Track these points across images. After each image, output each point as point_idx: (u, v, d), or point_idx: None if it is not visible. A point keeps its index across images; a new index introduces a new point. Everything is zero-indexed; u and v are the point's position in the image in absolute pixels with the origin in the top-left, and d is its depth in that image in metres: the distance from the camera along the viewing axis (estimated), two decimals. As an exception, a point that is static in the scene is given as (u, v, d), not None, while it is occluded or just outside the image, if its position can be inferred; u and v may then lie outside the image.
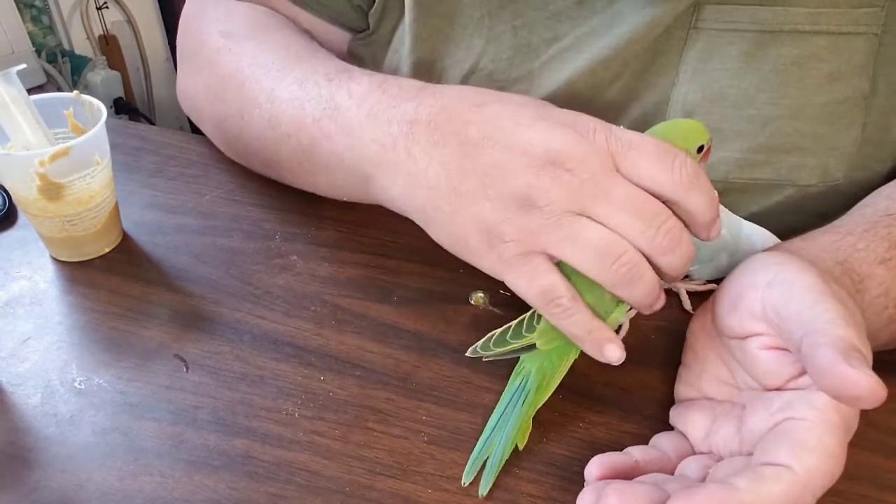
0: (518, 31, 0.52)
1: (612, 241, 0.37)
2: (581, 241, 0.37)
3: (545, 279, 0.38)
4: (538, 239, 0.38)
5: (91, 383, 0.43)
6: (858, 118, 0.49)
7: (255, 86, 0.52)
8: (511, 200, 0.38)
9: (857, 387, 0.30)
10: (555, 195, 0.37)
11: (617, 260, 0.37)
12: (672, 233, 0.37)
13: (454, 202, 0.40)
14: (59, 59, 1.68)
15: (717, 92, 0.50)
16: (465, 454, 0.40)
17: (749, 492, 0.30)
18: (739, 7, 0.48)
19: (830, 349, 0.31)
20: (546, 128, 0.39)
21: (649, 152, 0.37)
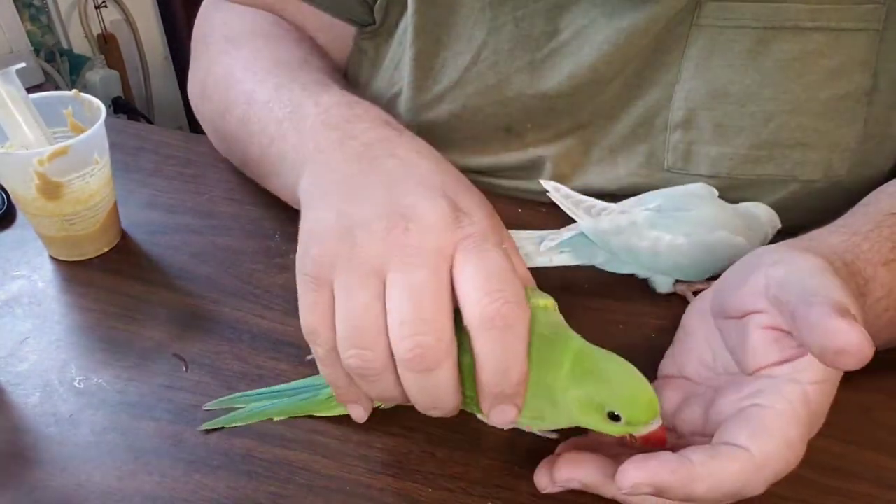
0: (519, 23, 0.52)
1: (371, 330, 0.34)
2: (352, 303, 0.34)
3: (314, 317, 0.36)
4: (331, 270, 0.35)
5: (90, 382, 0.43)
6: (860, 114, 0.49)
7: (238, 88, 0.53)
8: (344, 224, 0.36)
9: (846, 340, 0.30)
10: (374, 241, 0.35)
11: (358, 350, 0.34)
12: (424, 352, 0.33)
13: (318, 200, 0.39)
14: (58, 59, 1.67)
15: (720, 88, 0.50)
16: (466, 452, 0.40)
17: (703, 466, 0.30)
18: (741, 4, 0.48)
19: (825, 306, 0.31)
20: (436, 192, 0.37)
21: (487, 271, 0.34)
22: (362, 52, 0.61)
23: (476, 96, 0.55)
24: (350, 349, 0.34)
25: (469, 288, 0.33)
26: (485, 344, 0.33)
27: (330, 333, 0.35)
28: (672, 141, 0.52)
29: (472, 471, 0.39)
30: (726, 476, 0.31)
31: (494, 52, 0.53)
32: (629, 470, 0.31)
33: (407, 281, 0.34)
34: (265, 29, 0.59)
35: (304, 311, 0.36)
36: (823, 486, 0.38)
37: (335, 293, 0.35)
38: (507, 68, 0.53)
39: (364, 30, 0.61)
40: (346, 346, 0.34)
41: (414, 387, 0.34)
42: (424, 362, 0.33)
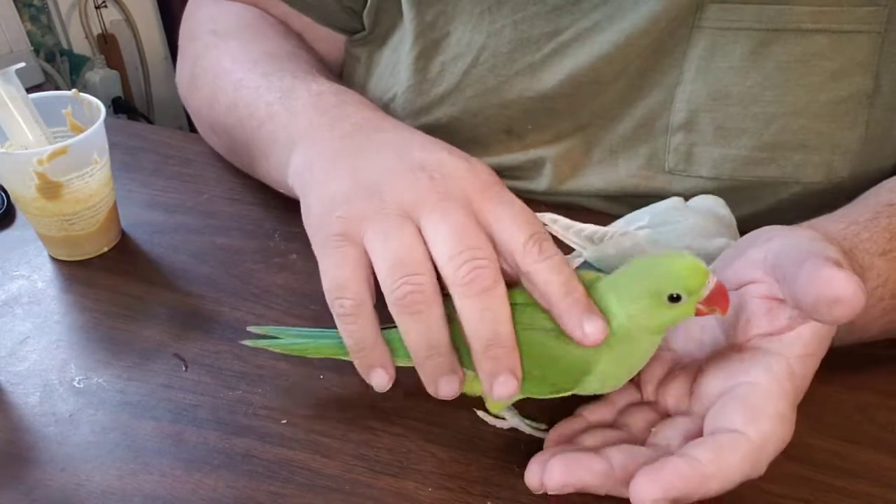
0: (518, 26, 0.52)
1: (414, 257, 0.35)
2: (390, 242, 0.35)
3: (344, 272, 0.36)
4: (360, 225, 0.36)
5: (90, 382, 0.43)
6: (862, 116, 0.49)
7: (226, 77, 0.54)
8: (364, 185, 0.38)
9: (840, 287, 0.30)
10: (401, 191, 0.37)
11: (406, 277, 0.35)
12: (483, 274, 0.34)
13: (323, 173, 0.41)
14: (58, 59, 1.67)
15: (722, 90, 0.50)
16: (466, 452, 0.40)
17: (711, 464, 0.31)
18: (742, 6, 0.48)
19: (817, 258, 0.32)
20: (446, 151, 0.39)
21: (515, 214, 0.36)
22: (355, 59, 0.61)
23: (476, 99, 0.55)
24: (398, 279, 0.34)
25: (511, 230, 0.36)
26: (544, 273, 0.35)
27: (360, 286, 0.36)
28: (673, 143, 0.52)
29: (471, 470, 0.39)
30: (734, 467, 0.31)
31: (494, 54, 0.53)
32: (644, 484, 0.30)
33: (445, 220, 0.35)
34: (251, 22, 0.60)
35: (330, 269, 0.37)
36: (823, 485, 0.38)
37: (370, 244, 0.36)
38: (507, 71, 0.53)
39: (354, 37, 0.61)
40: (393, 278, 0.35)
41: (474, 314, 0.34)
42: (483, 281, 0.34)
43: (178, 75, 0.64)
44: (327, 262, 0.37)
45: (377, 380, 0.38)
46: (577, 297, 0.35)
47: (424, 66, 0.55)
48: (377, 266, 0.36)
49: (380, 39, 0.59)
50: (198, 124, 0.63)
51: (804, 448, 0.40)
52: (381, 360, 0.38)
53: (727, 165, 0.51)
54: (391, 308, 0.35)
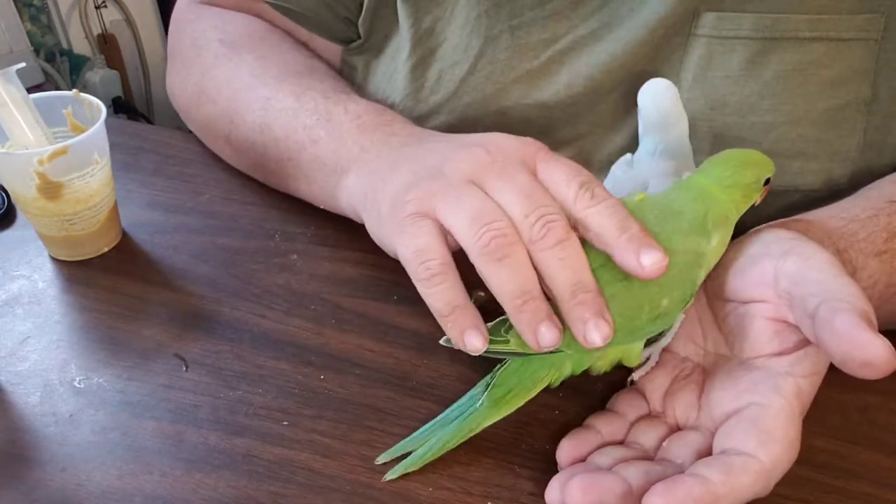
0: (515, 32, 0.52)
1: (489, 209, 0.37)
2: (463, 204, 0.37)
3: (423, 240, 0.37)
4: (431, 201, 0.38)
5: (90, 382, 0.43)
6: (860, 123, 0.49)
7: (250, 93, 0.55)
8: (427, 170, 0.40)
9: (875, 354, 0.30)
10: (463, 165, 0.39)
11: (486, 225, 0.36)
12: (555, 226, 0.36)
13: (386, 178, 0.43)
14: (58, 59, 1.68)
15: (719, 99, 0.49)
16: (467, 452, 0.40)
17: (723, 485, 0.31)
18: (739, 14, 0.48)
19: (854, 315, 0.31)
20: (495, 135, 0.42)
21: (569, 167, 0.38)
22: (352, 68, 0.61)
23: (474, 107, 0.54)
24: (479, 230, 0.36)
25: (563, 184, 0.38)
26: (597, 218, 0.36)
27: (442, 248, 0.37)
28: None
29: (472, 470, 0.39)
30: (746, 489, 0.32)
31: (491, 61, 0.53)
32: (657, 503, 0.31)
33: (511, 183, 0.38)
34: (262, 34, 0.60)
35: (407, 240, 0.38)
36: (823, 486, 0.38)
37: (444, 214, 0.37)
38: (505, 78, 0.53)
39: (349, 46, 0.61)
40: (474, 231, 0.36)
41: (554, 264, 0.36)
42: (558, 233, 0.36)
43: (174, 86, 0.63)
44: (403, 237, 0.38)
45: (472, 341, 0.36)
46: (633, 233, 0.36)
47: (422, 73, 0.55)
48: (456, 230, 0.37)
49: (376, 48, 0.59)
50: (206, 136, 0.62)
51: (805, 449, 0.40)
52: (474, 321, 0.37)
53: None
54: (477, 261, 0.36)
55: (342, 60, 0.62)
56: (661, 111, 0.46)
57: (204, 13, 0.63)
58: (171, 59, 0.64)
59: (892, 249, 0.41)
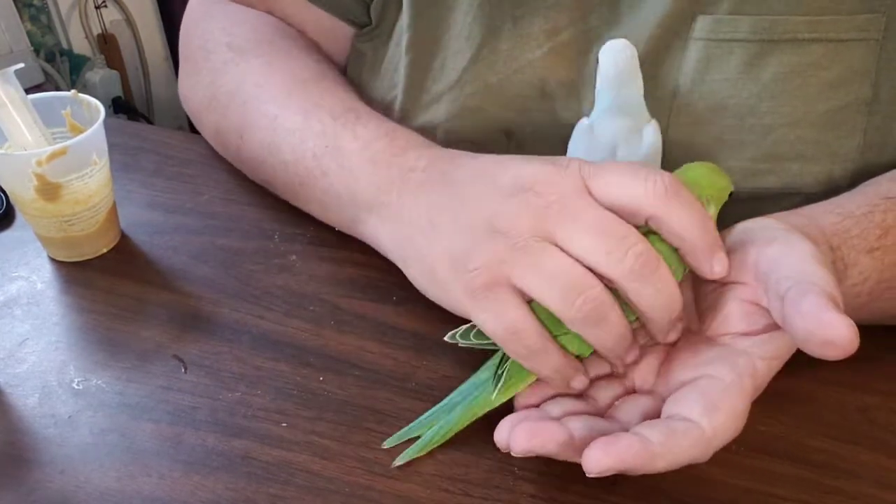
0: (517, 22, 0.52)
1: (578, 275, 0.36)
2: (546, 272, 0.36)
3: (511, 316, 0.37)
4: (503, 267, 0.37)
5: (89, 384, 0.43)
6: (860, 124, 0.48)
7: (258, 108, 0.54)
8: (480, 229, 0.38)
9: (837, 333, 0.31)
10: (521, 219, 0.37)
11: (581, 295, 0.35)
12: (644, 256, 0.35)
13: (429, 235, 0.41)
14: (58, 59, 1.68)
15: (718, 102, 0.49)
16: (466, 454, 0.40)
17: (661, 446, 0.33)
18: (737, 17, 0.48)
19: (822, 296, 0.32)
20: (522, 160, 0.40)
21: (622, 169, 0.37)
22: (361, 55, 0.61)
23: (475, 96, 0.54)
24: (576, 299, 0.35)
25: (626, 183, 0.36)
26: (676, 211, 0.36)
27: (533, 324, 0.36)
28: (671, 156, 0.52)
29: (471, 472, 0.39)
30: (682, 451, 0.33)
31: (493, 51, 0.53)
32: (596, 454, 0.32)
33: (579, 223, 0.36)
34: (269, 36, 0.59)
35: (493, 322, 0.37)
36: (823, 486, 0.38)
37: (523, 283, 0.36)
38: (507, 68, 0.53)
39: (361, 31, 0.61)
40: (570, 304, 0.35)
41: (651, 296, 0.35)
42: (650, 265, 0.35)
43: (185, 89, 0.62)
44: (488, 314, 0.37)
45: (578, 384, 0.39)
46: (713, 238, 0.36)
47: (425, 62, 0.55)
48: (546, 301, 0.36)
49: (385, 34, 0.59)
50: (218, 145, 0.61)
51: (804, 449, 0.40)
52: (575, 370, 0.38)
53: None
54: (575, 327, 0.36)
55: (353, 47, 0.62)
56: (618, 67, 0.47)
57: (215, 11, 0.62)
58: (181, 62, 0.64)
59: (885, 246, 0.41)
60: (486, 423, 0.41)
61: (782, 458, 0.40)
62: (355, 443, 0.40)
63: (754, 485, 0.38)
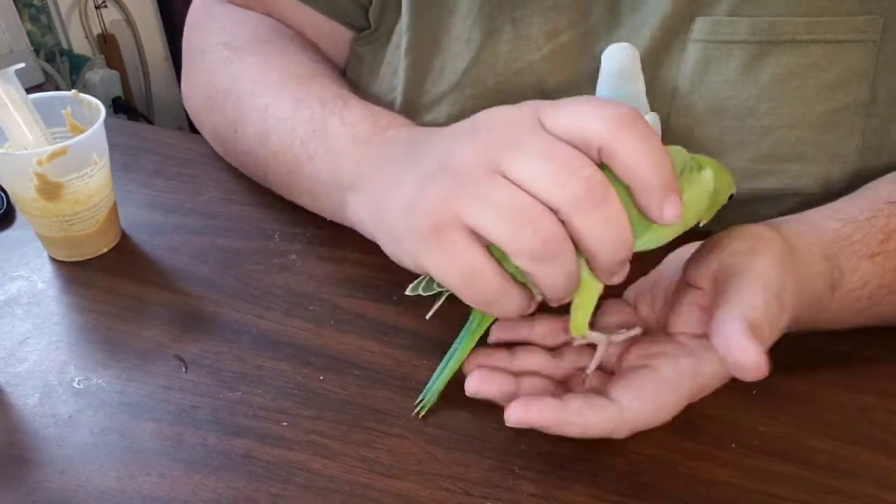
0: (517, 23, 0.52)
1: (528, 204, 0.33)
2: (493, 203, 0.33)
3: (465, 258, 0.34)
4: (450, 204, 0.34)
5: (89, 383, 0.43)
6: (859, 125, 0.49)
7: (251, 102, 0.54)
8: (431, 171, 0.37)
9: (746, 359, 0.33)
10: (468, 152, 0.35)
11: (532, 225, 0.33)
12: (593, 182, 0.32)
13: (392, 194, 0.41)
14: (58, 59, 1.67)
15: (717, 104, 0.49)
16: (466, 453, 0.40)
17: (577, 415, 0.36)
18: (735, 19, 0.48)
19: (743, 324, 0.34)
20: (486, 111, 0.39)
21: (578, 99, 0.35)
22: (359, 58, 0.61)
23: (475, 98, 0.54)
24: (525, 230, 0.33)
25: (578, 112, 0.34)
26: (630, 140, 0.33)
27: (491, 265, 0.34)
28: None
29: (471, 471, 0.39)
30: (593, 424, 0.36)
31: (493, 53, 0.53)
32: (517, 410, 0.36)
33: (527, 152, 0.34)
34: (266, 36, 0.59)
35: (446, 267, 0.35)
36: (823, 486, 0.38)
37: (471, 219, 0.34)
38: (506, 70, 0.53)
39: (360, 34, 0.61)
40: (520, 232, 0.33)
41: (597, 227, 0.33)
42: (597, 191, 0.33)
43: (186, 90, 0.63)
44: (436, 260, 0.35)
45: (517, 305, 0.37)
46: (667, 178, 0.33)
47: (425, 64, 0.55)
48: (496, 237, 0.33)
49: (384, 37, 0.59)
50: (216, 145, 0.61)
51: (804, 449, 0.40)
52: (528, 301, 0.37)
53: None
54: (523, 264, 0.34)
55: (351, 50, 0.62)
56: (619, 65, 0.47)
57: (215, 13, 0.62)
58: (183, 63, 0.64)
59: (887, 251, 0.41)
60: (487, 422, 0.41)
61: (782, 459, 0.40)
62: (356, 442, 0.40)
63: (754, 485, 0.38)
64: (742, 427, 0.41)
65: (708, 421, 0.41)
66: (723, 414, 0.42)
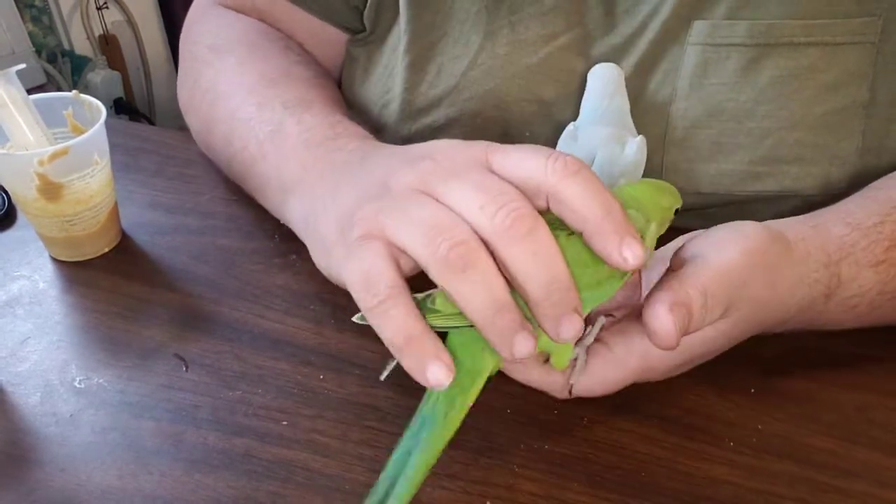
0: (515, 27, 0.52)
1: (443, 217, 0.32)
2: (412, 217, 0.33)
3: (368, 262, 0.33)
4: (378, 219, 0.34)
5: (90, 383, 0.43)
6: (858, 126, 0.49)
7: (223, 103, 0.54)
8: (370, 187, 0.37)
9: (659, 325, 0.34)
10: (408, 176, 0.35)
11: (442, 234, 0.32)
12: (522, 212, 0.32)
13: (328, 205, 0.41)
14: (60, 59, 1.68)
15: (716, 106, 0.49)
16: (466, 452, 0.40)
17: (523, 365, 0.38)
18: (733, 22, 0.48)
19: (669, 293, 0.35)
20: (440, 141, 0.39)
21: (525, 146, 0.35)
22: (353, 60, 0.61)
23: (473, 101, 0.54)
24: (435, 239, 0.32)
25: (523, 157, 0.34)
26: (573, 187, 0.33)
27: (391, 270, 0.33)
28: (669, 159, 0.52)
29: (471, 470, 0.39)
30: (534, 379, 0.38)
31: (491, 56, 0.53)
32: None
33: (462, 182, 0.33)
34: (251, 38, 0.59)
35: (352, 268, 0.33)
36: (821, 485, 0.38)
37: (393, 232, 0.33)
38: (504, 73, 0.53)
39: (355, 37, 0.61)
40: (429, 245, 0.32)
41: (523, 258, 0.31)
42: (525, 223, 0.31)
43: (178, 90, 0.63)
44: (349, 263, 0.34)
45: (435, 375, 0.32)
46: (617, 218, 0.32)
47: (422, 67, 0.55)
48: (410, 247, 0.32)
49: (379, 39, 0.59)
50: (200, 144, 0.62)
51: (803, 448, 0.40)
52: (436, 350, 0.32)
53: (725, 181, 0.51)
54: (438, 277, 0.32)
55: (346, 53, 0.62)
56: (604, 81, 0.48)
57: (209, 15, 0.63)
58: (178, 64, 0.65)
59: (892, 259, 0.41)
60: (486, 421, 0.41)
61: (781, 457, 0.40)
62: (356, 441, 0.40)
63: (753, 483, 0.39)
64: (740, 426, 0.41)
65: (707, 420, 0.41)
66: (721, 413, 0.42)
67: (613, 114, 0.48)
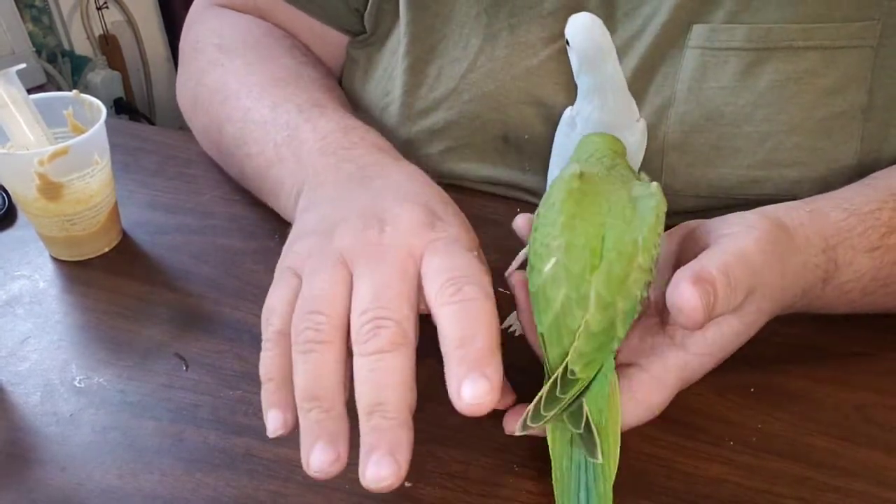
0: (514, 30, 0.52)
1: (325, 298, 0.34)
2: (313, 280, 0.35)
3: (275, 297, 0.36)
4: (304, 261, 0.37)
5: (91, 382, 0.43)
6: (857, 130, 0.49)
7: (234, 103, 0.54)
8: (326, 226, 0.38)
9: (684, 301, 0.33)
10: (348, 238, 0.37)
11: (308, 314, 0.34)
12: (384, 334, 0.32)
13: (308, 210, 0.42)
14: (60, 59, 1.68)
15: (714, 110, 0.49)
16: (466, 451, 0.40)
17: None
18: (732, 26, 0.48)
19: (692, 269, 0.34)
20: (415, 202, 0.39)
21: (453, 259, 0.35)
22: (354, 62, 0.61)
23: (472, 103, 0.54)
24: (304, 314, 0.34)
25: (433, 275, 0.34)
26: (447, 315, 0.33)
27: (287, 311, 0.35)
28: (668, 163, 0.52)
29: (471, 470, 0.39)
30: None
31: (490, 59, 0.53)
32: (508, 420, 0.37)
33: (372, 273, 0.35)
34: (257, 38, 0.59)
35: (269, 296, 0.37)
36: (821, 484, 0.38)
37: (303, 278, 0.36)
38: (504, 75, 0.53)
39: (355, 39, 0.61)
40: (300, 313, 0.34)
41: (363, 373, 0.32)
42: (380, 341, 0.32)
43: (178, 89, 0.63)
44: (271, 290, 0.37)
45: (272, 422, 0.34)
46: (469, 352, 0.32)
47: (421, 69, 0.55)
48: (297, 304, 0.35)
49: (379, 42, 0.59)
50: (203, 144, 0.62)
51: (802, 447, 0.40)
52: (284, 402, 0.34)
53: (723, 185, 0.51)
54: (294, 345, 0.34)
55: (347, 55, 0.62)
56: (594, 42, 0.45)
57: (210, 15, 0.63)
58: (178, 63, 0.65)
59: (887, 245, 0.41)
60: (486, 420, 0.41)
61: (780, 456, 0.40)
62: (355, 440, 0.40)
63: (753, 482, 0.39)
64: (740, 425, 0.41)
65: (706, 419, 0.41)
66: (721, 412, 0.42)
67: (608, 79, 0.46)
